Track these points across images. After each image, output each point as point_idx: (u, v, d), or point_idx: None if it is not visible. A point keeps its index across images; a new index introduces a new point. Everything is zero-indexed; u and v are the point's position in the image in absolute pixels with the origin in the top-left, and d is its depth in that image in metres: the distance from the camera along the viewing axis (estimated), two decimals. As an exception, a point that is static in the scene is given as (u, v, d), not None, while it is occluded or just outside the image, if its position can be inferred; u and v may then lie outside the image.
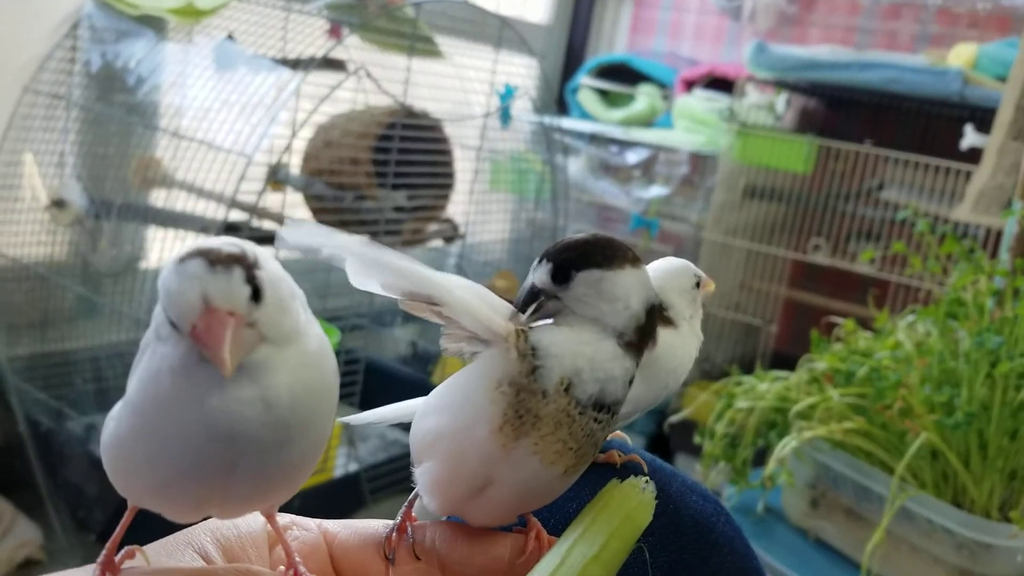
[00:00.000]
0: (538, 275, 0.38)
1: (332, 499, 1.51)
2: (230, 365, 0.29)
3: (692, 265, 0.52)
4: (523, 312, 0.38)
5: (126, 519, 0.36)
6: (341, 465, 1.56)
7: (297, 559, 0.37)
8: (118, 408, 0.34)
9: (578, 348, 0.36)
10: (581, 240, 0.38)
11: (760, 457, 1.18)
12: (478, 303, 0.37)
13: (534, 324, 0.38)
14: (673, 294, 0.51)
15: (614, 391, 0.37)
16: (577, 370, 0.36)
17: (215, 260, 0.30)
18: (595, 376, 0.36)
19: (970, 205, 1.53)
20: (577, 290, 0.37)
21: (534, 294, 0.39)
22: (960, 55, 1.84)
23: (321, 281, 1.54)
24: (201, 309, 0.29)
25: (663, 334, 0.49)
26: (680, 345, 0.50)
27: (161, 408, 0.31)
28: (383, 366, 1.82)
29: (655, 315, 0.39)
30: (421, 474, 0.40)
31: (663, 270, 0.51)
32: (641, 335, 0.38)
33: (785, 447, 1.05)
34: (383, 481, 1.51)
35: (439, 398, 0.39)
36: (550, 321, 0.38)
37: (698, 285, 0.52)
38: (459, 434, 0.37)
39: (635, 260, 0.38)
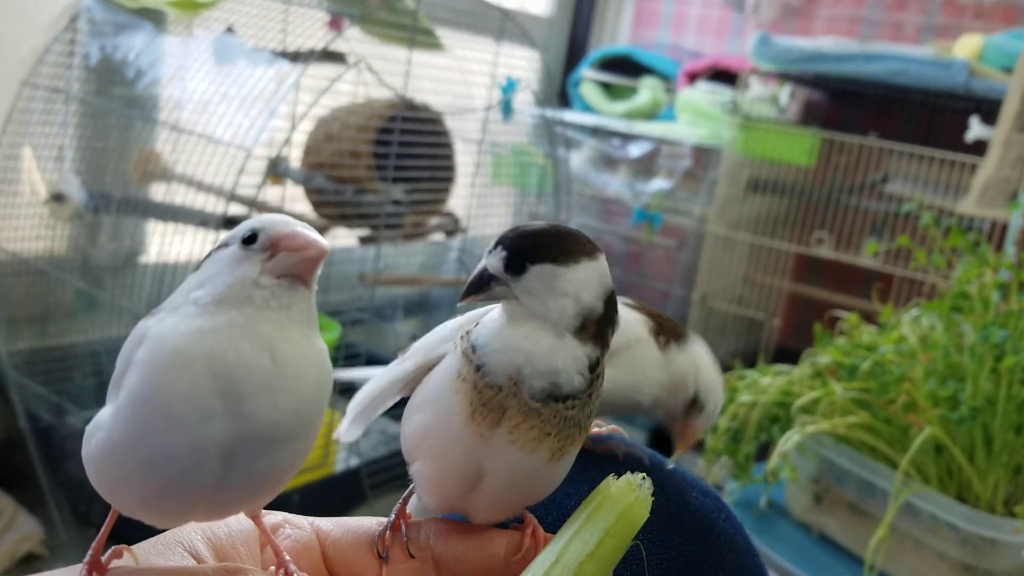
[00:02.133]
0: (491, 261, 0.37)
1: (333, 494, 1.51)
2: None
3: (699, 392, 0.50)
4: (472, 295, 0.38)
5: (110, 519, 0.35)
6: (342, 460, 1.56)
7: (287, 558, 0.37)
8: (107, 418, 0.33)
9: (517, 344, 0.36)
10: (538, 230, 0.38)
11: (763, 452, 1.17)
12: (427, 351, 0.40)
13: (490, 312, 0.38)
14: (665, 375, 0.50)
15: (568, 382, 0.36)
16: (517, 367, 0.36)
17: None
18: (537, 371, 0.36)
19: (975, 198, 1.52)
20: (528, 282, 0.37)
21: (485, 280, 0.38)
22: (966, 46, 1.83)
23: (321, 275, 1.53)
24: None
25: (636, 328, 0.48)
26: (639, 333, 0.49)
27: (167, 416, 0.31)
28: (384, 361, 1.82)
29: (615, 302, 0.38)
30: (415, 474, 0.40)
31: (703, 364, 0.51)
32: (599, 325, 0.37)
33: (788, 442, 1.04)
34: (384, 476, 1.51)
35: (417, 398, 0.40)
36: (496, 306, 0.38)
37: (693, 406, 0.50)
38: (438, 429, 0.37)
39: (592, 252, 0.37)
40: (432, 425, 0.38)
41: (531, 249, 0.37)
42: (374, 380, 0.43)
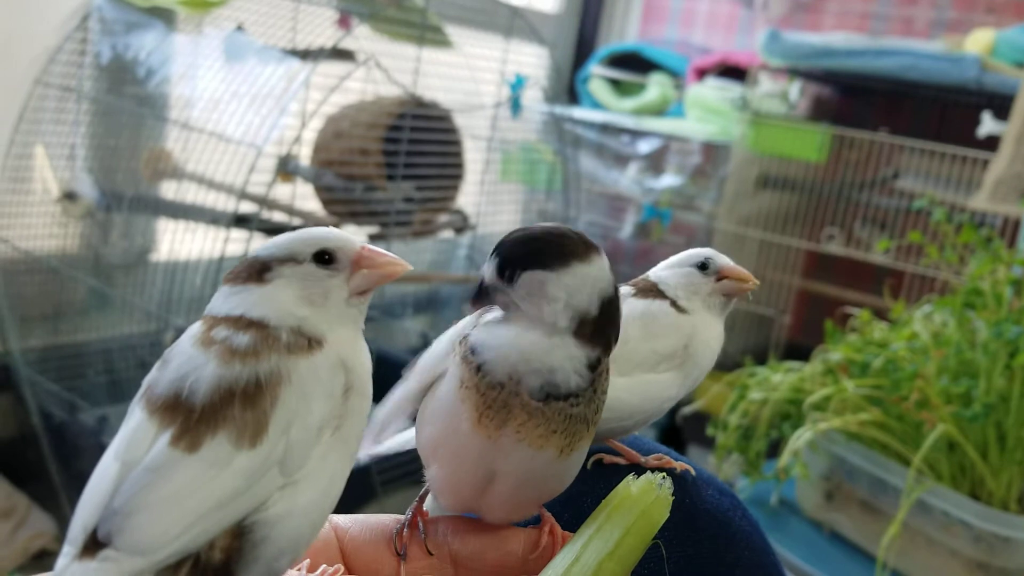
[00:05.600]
0: (487, 269, 0.38)
1: (343, 491, 1.51)
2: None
3: (703, 251, 0.51)
4: (475, 303, 0.39)
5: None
6: (353, 457, 1.56)
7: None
8: None
9: (512, 343, 0.37)
10: (531, 235, 0.38)
11: (774, 449, 1.17)
12: (428, 370, 0.40)
13: (486, 316, 0.39)
14: (671, 282, 0.50)
15: (565, 381, 0.36)
16: (513, 365, 0.36)
17: None
18: (532, 368, 0.36)
19: (988, 193, 1.51)
20: (519, 289, 0.37)
21: (484, 289, 0.39)
22: (977, 41, 1.82)
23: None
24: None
25: (680, 318, 0.48)
26: (689, 327, 0.49)
27: None
28: (394, 358, 1.82)
29: (614, 304, 0.38)
30: (431, 479, 0.40)
31: (672, 259, 0.51)
32: (595, 327, 0.37)
33: (799, 439, 1.04)
34: (394, 473, 1.51)
35: (426, 411, 0.40)
36: (498, 315, 0.39)
37: (703, 267, 0.50)
38: (448, 437, 0.38)
39: (586, 255, 0.37)
40: (442, 434, 0.39)
41: (520, 257, 0.37)
42: (386, 401, 0.43)
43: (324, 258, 0.35)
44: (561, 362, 0.36)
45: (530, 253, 0.37)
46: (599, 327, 0.37)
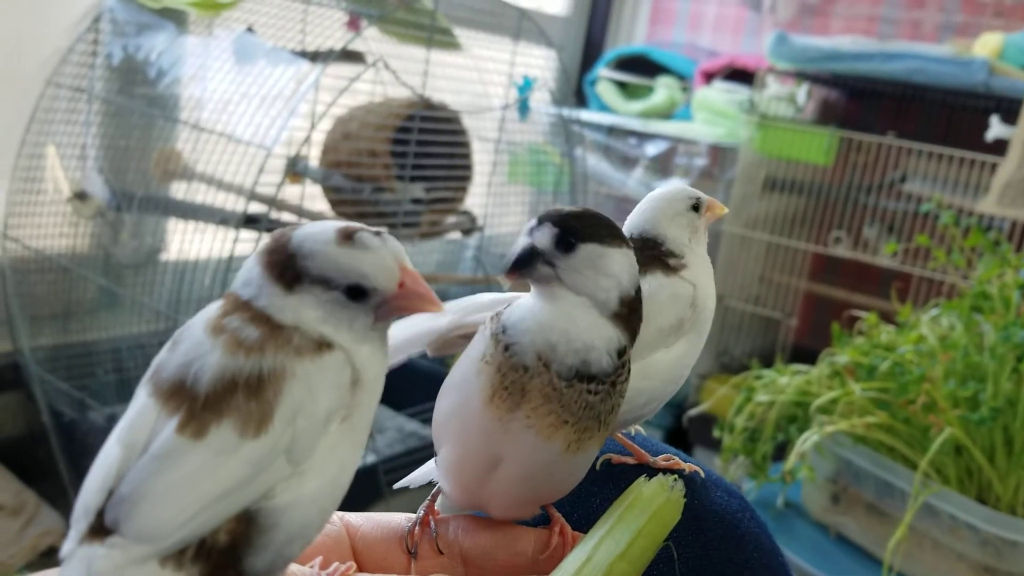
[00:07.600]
0: (539, 237, 0.38)
1: (349, 491, 1.51)
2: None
3: (688, 188, 0.50)
4: (516, 270, 0.38)
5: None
6: (359, 457, 1.56)
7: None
8: None
9: (552, 323, 0.36)
10: (582, 212, 0.38)
11: (780, 451, 1.17)
12: (465, 312, 0.40)
13: (516, 291, 0.39)
14: (666, 222, 0.48)
15: (598, 360, 0.36)
16: (551, 345, 0.36)
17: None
18: (572, 348, 0.36)
19: (995, 197, 1.51)
20: (576, 261, 0.37)
21: (532, 255, 0.37)
22: (986, 45, 1.81)
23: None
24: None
25: (677, 285, 0.47)
26: (689, 290, 0.47)
27: None
28: (401, 358, 1.82)
29: (640, 294, 0.39)
30: (440, 462, 0.40)
31: (654, 198, 0.49)
32: (631, 309, 0.38)
33: (806, 441, 1.04)
34: (401, 473, 1.51)
35: (447, 380, 0.40)
36: (525, 295, 0.39)
37: (696, 208, 0.49)
38: (460, 410, 0.38)
39: (626, 241, 0.39)
40: (455, 407, 0.39)
41: (581, 228, 0.37)
42: (408, 327, 0.42)
43: (356, 292, 0.33)
44: (599, 341, 0.36)
45: (590, 227, 0.37)
46: (633, 309, 0.38)
